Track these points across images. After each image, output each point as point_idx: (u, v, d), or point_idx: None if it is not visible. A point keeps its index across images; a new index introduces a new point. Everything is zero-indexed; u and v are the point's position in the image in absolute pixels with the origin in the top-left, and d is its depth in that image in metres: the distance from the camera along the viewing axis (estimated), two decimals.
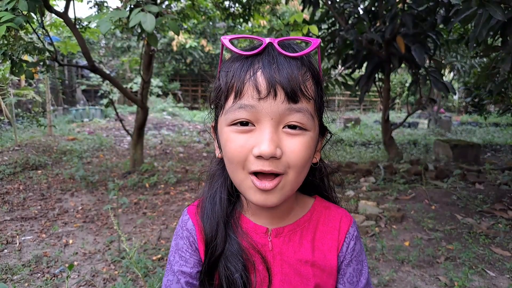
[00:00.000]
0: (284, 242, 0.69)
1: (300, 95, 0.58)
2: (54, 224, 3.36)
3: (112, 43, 12.57)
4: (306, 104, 0.59)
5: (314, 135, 0.62)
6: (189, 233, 0.72)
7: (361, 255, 0.73)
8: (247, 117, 0.58)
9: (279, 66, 0.57)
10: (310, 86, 0.60)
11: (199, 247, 0.70)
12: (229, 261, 0.66)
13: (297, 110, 0.58)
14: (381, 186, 4.58)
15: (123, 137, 8.19)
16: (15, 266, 2.58)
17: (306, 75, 0.59)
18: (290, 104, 0.57)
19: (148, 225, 3.40)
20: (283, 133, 0.58)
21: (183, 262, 0.70)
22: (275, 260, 0.68)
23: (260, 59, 0.58)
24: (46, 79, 7.36)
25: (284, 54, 0.58)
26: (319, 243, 0.70)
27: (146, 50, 4.84)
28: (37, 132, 7.37)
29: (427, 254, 2.83)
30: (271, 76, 0.56)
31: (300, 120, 0.58)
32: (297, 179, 0.62)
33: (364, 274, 0.73)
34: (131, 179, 4.54)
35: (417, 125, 11.51)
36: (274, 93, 0.56)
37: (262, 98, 0.56)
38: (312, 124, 0.60)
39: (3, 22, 2.71)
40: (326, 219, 0.72)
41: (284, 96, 0.57)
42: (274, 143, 0.56)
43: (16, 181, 4.54)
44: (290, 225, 0.70)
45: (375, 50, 5.15)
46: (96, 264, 2.64)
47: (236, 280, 0.65)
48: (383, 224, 3.42)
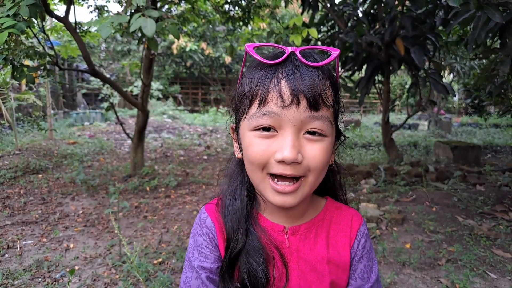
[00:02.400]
0: (301, 240, 0.73)
1: (321, 103, 0.61)
2: (55, 228, 3.36)
3: (113, 47, 12.60)
4: (326, 111, 0.63)
5: (332, 140, 0.66)
6: (208, 230, 0.74)
7: (371, 253, 0.76)
8: (270, 123, 0.62)
9: (301, 75, 0.60)
10: (330, 94, 0.63)
11: (219, 244, 0.73)
12: (251, 255, 0.69)
13: (318, 118, 0.61)
14: (382, 188, 4.58)
15: (123, 140, 8.19)
16: (16, 271, 2.58)
17: (326, 83, 0.62)
18: (312, 112, 0.61)
19: (149, 228, 3.40)
20: (304, 139, 0.62)
21: (203, 258, 0.72)
22: (292, 257, 0.72)
23: (283, 68, 0.61)
24: (47, 83, 7.38)
25: (306, 63, 0.61)
26: (333, 241, 0.74)
27: (147, 53, 4.86)
28: (38, 136, 7.38)
29: (428, 256, 2.82)
30: (294, 85, 0.59)
31: (320, 127, 0.62)
32: (316, 181, 0.66)
33: (374, 271, 0.75)
34: (132, 183, 4.54)
35: (417, 126, 11.51)
36: (297, 101, 0.60)
37: (286, 106, 0.60)
38: (331, 130, 0.65)
39: (5, 28, 2.72)
40: (339, 218, 0.76)
41: (307, 104, 0.60)
42: (296, 148, 0.60)
43: (17, 185, 4.55)
44: (305, 224, 0.74)
45: (374, 53, 5.17)
46: (97, 269, 2.64)
47: (258, 274, 0.68)
48: (384, 226, 3.41)
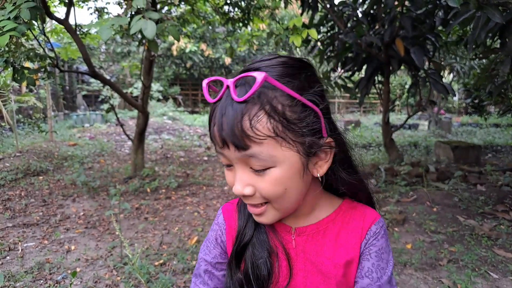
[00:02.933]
0: (307, 241, 0.73)
1: (247, 142, 0.58)
2: (56, 230, 3.37)
3: (112, 49, 12.61)
4: (258, 147, 0.58)
5: (287, 167, 0.61)
6: (218, 227, 0.80)
7: (383, 253, 0.71)
8: (224, 161, 0.64)
9: (226, 117, 0.58)
10: (264, 126, 0.57)
11: (227, 241, 0.78)
12: (256, 247, 0.73)
13: (249, 156, 0.59)
14: (382, 188, 4.58)
15: (123, 142, 8.20)
16: (18, 273, 2.58)
17: (257, 116, 0.57)
18: (241, 152, 0.59)
19: (149, 230, 3.40)
20: (252, 172, 0.62)
21: (207, 251, 0.79)
22: (298, 257, 0.72)
23: (217, 109, 0.61)
24: (47, 85, 7.39)
25: (233, 99, 0.58)
26: (343, 241, 0.72)
27: (147, 55, 4.86)
28: (38, 138, 7.38)
29: (429, 256, 2.82)
30: (220, 131, 0.59)
31: (255, 164, 0.60)
32: (284, 206, 0.65)
33: (386, 273, 0.71)
34: (132, 184, 4.54)
35: (417, 126, 11.52)
36: (226, 145, 0.60)
37: (221, 148, 0.61)
38: (276, 160, 0.60)
39: (6, 31, 2.72)
40: (351, 219, 0.74)
41: (234, 148, 0.59)
42: (243, 183, 0.62)
43: (17, 187, 4.55)
44: (313, 225, 0.73)
45: (374, 53, 5.17)
46: (99, 270, 2.65)
47: (261, 266, 0.71)
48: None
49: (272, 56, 0.64)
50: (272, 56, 0.64)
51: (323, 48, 5.67)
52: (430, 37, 4.83)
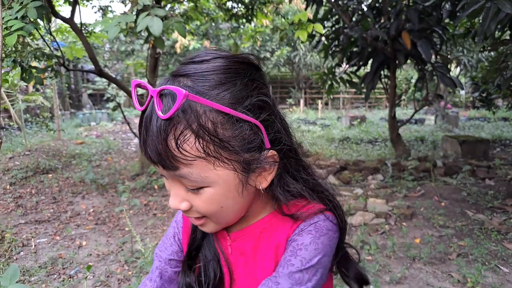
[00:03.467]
0: (244, 244, 0.70)
1: (174, 163, 0.53)
2: (67, 226, 3.41)
3: (116, 47, 12.66)
4: (188, 168, 0.53)
5: (222, 186, 0.57)
6: (176, 224, 0.79)
7: (300, 250, 0.61)
8: (160, 172, 0.59)
9: (151, 133, 0.52)
10: (192, 146, 0.52)
11: (182, 239, 0.77)
12: (206, 250, 0.73)
13: (180, 176, 0.55)
14: (389, 183, 4.56)
15: (130, 140, 8.25)
16: (32, 268, 2.62)
17: (183, 135, 0.51)
18: (169, 172, 0.55)
19: (158, 226, 3.43)
20: (186, 189, 0.58)
21: (162, 248, 0.78)
22: (237, 262, 0.70)
23: (142, 121, 0.55)
24: (54, 85, 7.45)
25: (157, 115, 0.51)
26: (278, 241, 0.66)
27: (152, 53, 4.88)
28: (46, 136, 7.46)
29: (438, 251, 2.82)
30: (146, 150, 0.54)
31: (188, 184, 0.56)
32: (223, 219, 0.62)
33: (290, 266, 0.60)
34: (140, 181, 4.58)
35: (424, 121, 11.44)
36: (155, 164, 0.55)
37: (152, 163, 0.57)
38: (210, 180, 0.56)
39: (14, 31, 2.75)
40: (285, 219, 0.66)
41: (160, 165, 0.55)
42: (178, 198, 0.59)
43: (28, 185, 4.61)
44: (248, 228, 0.69)
45: (380, 47, 5.14)
46: (110, 265, 2.68)
47: (210, 269, 0.71)
48: (392, 221, 3.41)
49: (206, 56, 0.56)
50: (206, 57, 0.56)
51: (328, 42, 5.64)
52: (437, 29, 4.79)
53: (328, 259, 0.63)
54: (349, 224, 3.34)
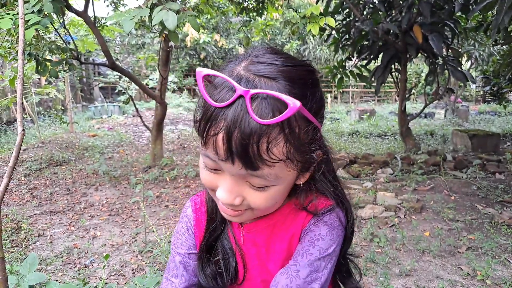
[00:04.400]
0: (257, 236, 0.72)
1: (259, 164, 0.53)
2: (81, 217, 3.49)
3: (127, 40, 12.74)
4: (269, 169, 0.54)
5: (284, 185, 0.60)
6: (187, 219, 0.79)
7: (318, 240, 0.65)
8: (211, 165, 0.59)
9: (241, 132, 0.51)
10: (279, 150, 0.53)
11: (195, 232, 0.78)
12: (223, 241, 0.75)
13: (256, 176, 0.56)
14: (399, 177, 4.57)
15: (141, 132, 8.35)
16: (48, 258, 2.71)
17: (276, 139, 0.52)
18: (247, 171, 0.54)
19: (171, 217, 3.50)
20: (247, 184, 0.58)
21: (179, 244, 0.78)
22: (249, 252, 0.73)
23: (225, 117, 0.52)
24: (66, 78, 7.55)
25: (251, 117, 0.51)
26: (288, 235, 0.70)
27: (163, 46, 4.92)
28: (59, 129, 7.58)
29: (448, 244, 2.84)
30: (229, 145, 0.52)
31: (260, 183, 0.57)
32: (264, 212, 0.65)
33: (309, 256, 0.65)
34: (152, 173, 4.65)
35: (434, 115, 11.34)
36: (231, 160, 0.53)
37: (221, 160, 0.55)
38: (279, 180, 0.58)
39: (31, 25, 2.81)
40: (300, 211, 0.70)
41: (241, 165, 0.54)
42: (234, 194, 0.58)
43: (42, 176, 4.71)
44: (262, 221, 0.72)
45: (391, 41, 5.11)
46: (124, 255, 2.75)
47: (230, 259, 0.73)
48: (402, 215, 3.43)
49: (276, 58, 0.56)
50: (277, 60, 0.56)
51: (338, 36, 5.62)
52: (449, 23, 4.74)
53: (339, 248, 0.68)
54: (359, 217, 3.37)
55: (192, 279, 0.77)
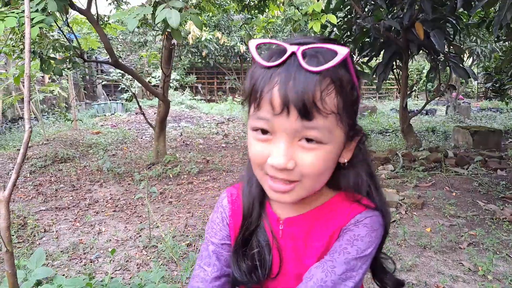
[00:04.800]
0: (295, 230, 0.73)
1: (314, 113, 0.57)
2: (86, 213, 3.54)
3: (129, 38, 12.76)
4: (323, 120, 0.58)
5: (334, 146, 0.62)
6: (223, 209, 0.81)
7: (357, 240, 0.67)
8: (265, 127, 0.61)
9: (296, 82, 0.56)
10: (331, 101, 0.58)
11: (230, 223, 0.79)
12: (259, 235, 0.75)
13: (311, 127, 0.58)
14: (400, 174, 4.59)
15: (144, 130, 8.39)
16: (54, 253, 2.75)
17: (327, 89, 0.57)
18: (303, 121, 0.57)
19: (174, 213, 3.54)
20: (299, 145, 0.60)
21: (213, 234, 0.80)
22: (286, 246, 0.74)
23: (280, 72, 0.58)
24: (69, 76, 7.59)
25: (304, 68, 0.56)
26: (329, 232, 0.71)
27: (166, 44, 4.94)
28: (63, 126, 7.63)
29: (449, 240, 2.86)
30: (285, 94, 0.56)
31: (315, 136, 0.59)
32: (313, 185, 0.65)
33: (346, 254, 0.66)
34: (155, 170, 4.69)
35: (435, 112, 11.33)
36: (287, 111, 0.57)
37: (276, 114, 0.58)
38: (331, 137, 0.60)
39: (36, 23, 2.84)
40: (341, 209, 0.72)
41: (297, 114, 0.57)
42: (287, 156, 0.59)
43: (47, 173, 4.76)
44: (301, 215, 0.73)
45: (393, 37, 5.12)
46: (129, 250, 2.79)
47: (265, 253, 0.74)
48: (403, 211, 3.46)
49: (320, 37, 0.63)
50: (321, 37, 0.63)
51: (340, 33, 5.63)
52: (451, 19, 4.75)
53: (375, 251, 0.70)
54: None
55: (224, 269, 0.78)
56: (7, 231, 1.11)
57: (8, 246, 1.10)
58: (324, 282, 0.64)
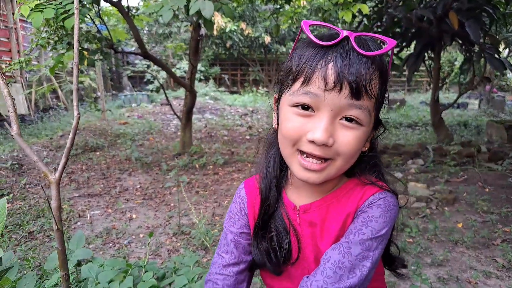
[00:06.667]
0: (312, 217, 0.75)
1: (363, 93, 0.61)
2: (117, 200, 3.65)
3: (155, 30, 12.92)
4: (367, 102, 0.62)
5: (368, 130, 0.66)
6: (241, 200, 0.85)
7: (371, 221, 0.68)
8: (310, 103, 0.63)
9: (350, 62, 0.60)
10: (376, 85, 0.63)
11: (248, 213, 0.83)
12: (276, 220, 0.78)
13: (357, 107, 0.61)
14: (430, 168, 4.48)
15: (169, 121, 8.53)
16: (89, 237, 2.86)
17: (374, 74, 0.62)
18: (352, 99, 0.61)
19: (201, 202, 3.60)
20: (339, 124, 0.63)
21: (231, 223, 0.84)
22: (304, 232, 0.76)
23: (334, 51, 0.61)
24: (98, 67, 7.78)
25: (357, 50, 0.60)
26: (343, 215, 0.73)
27: (193, 35, 4.98)
28: (91, 117, 7.86)
29: (482, 236, 2.78)
30: (340, 71, 0.59)
31: (358, 115, 0.62)
32: (344, 166, 0.67)
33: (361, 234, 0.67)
34: (182, 160, 4.77)
35: (467, 106, 10.92)
36: (340, 87, 0.60)
37: (328, 89, 0.60)
38: (368, 120, 0.64)
39: (71, 15, 2.92)
40: (355, 193, 0.73)
41: (349, 91, 0.60)
42: (329, 132, 0.62)
43: (79, 161, 4.93)
44: (317, 202, 0.75)
45: (425, 28, 4.95)
46: (160, 237, 2.87)
47: (283, 236, 0.77)
48: (434, 206, 3.38)
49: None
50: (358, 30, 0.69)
51: (369, 23, 5.50)
52: (487, 8, 4.54)
53: (390, 231, 0.71)
54: None
55: (242, 257, 0.82)
56: (57, 211, 1.17)
57: (58, 225, 1.15)
58: (342, 263, 0.65)
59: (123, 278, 1.59)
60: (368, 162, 0.76)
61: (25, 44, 7.97)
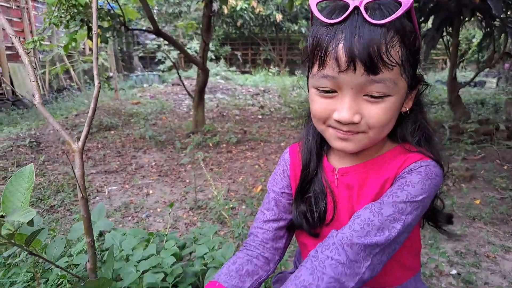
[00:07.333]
0: (350, 180, 0.76)
1: (381, 66, 0.57)
2: (134, 177, 3.70)
3: (165, 9, 12.78)
4: (388, 73, 0.59)
5: (398, 97, 0.63)
6: (284, 162, 0.89)
7: (407, 186, 0.66)
8: (329, 86, 0.62)
9: (361, 36, 0.56)
10: (396, 52, 0.58)
11: (290, 175, 0.86)
12: (315, 184, 0.80)
13: (377, 81, 0.59)
14: (447, 146, 4.41)
15: (181, 100, 8.53)
16: (109, 211, 2.92)
17: (392, 41, 0.58)
18: (369, 76, 0.58)
19: (216, 179, 3.62)
20: (363, 100, 0.61)
21: (274, 183, 0.88)
22: (340, 194, 0.77)
23: (344, 28, 0.58)
24: (110, 46, 7.77)
25: (368, 21, 0.56)
26: (381, 180, 0.71)
27: (205, 12, 4.90)
28: (104, 97, 7.90)
29: (500, 212, 2.75)
30: (351, 50, 0.56)
31: (380, 89, 0.60)
32: (378, 135, 0.66)
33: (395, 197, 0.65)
34: (196, 139, 4.79)
35: (484, 84, 10.64)
36: (353, 66, 0.57)
37: (342, 71, 0.59)
38: (395, 89, 0.61)
39: None
40: (396, 160, 0.71)
41: (364, 69, 0.57)
42: (353, 110, 0.61)
43: (94, 140, 5.00)
44: (356, 166, 0.75)
45: (444, 2, 4.77)
46: (176, 211, 2.92)
47: (320, 200, 0.79)
48: (451, 182, 3.34)
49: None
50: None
51: None
52: None
53: (429, 200, 0.68)
54: None
55: (282, 214, 0.85)
56: (82, 179, 1.18)
57: (83, 192, 1.17)
58: (371, 221, 0.65)
59: (145, 246, 1.62)
60: (413, 123, 0.73)
61: (37, 24, 7.99)
